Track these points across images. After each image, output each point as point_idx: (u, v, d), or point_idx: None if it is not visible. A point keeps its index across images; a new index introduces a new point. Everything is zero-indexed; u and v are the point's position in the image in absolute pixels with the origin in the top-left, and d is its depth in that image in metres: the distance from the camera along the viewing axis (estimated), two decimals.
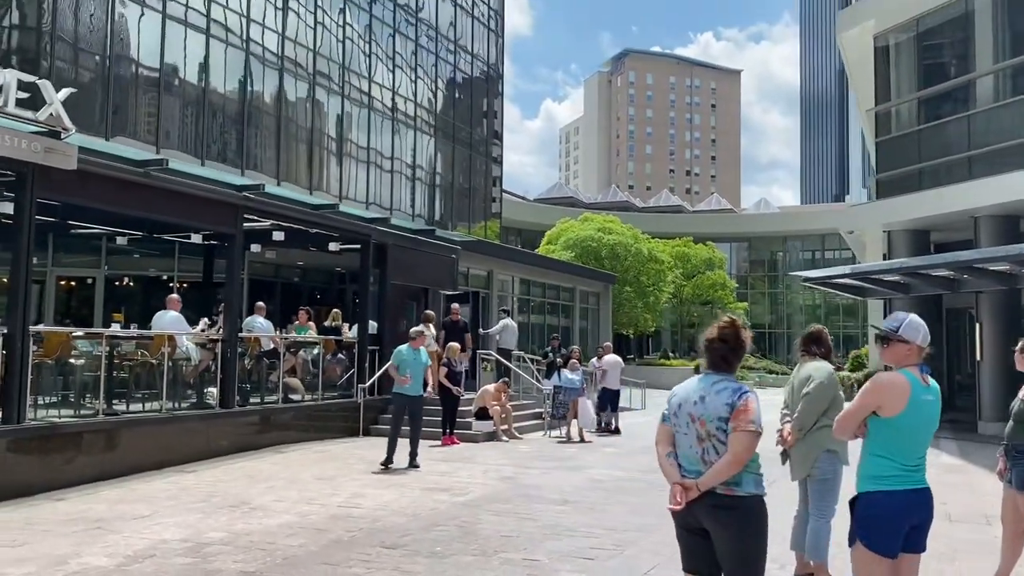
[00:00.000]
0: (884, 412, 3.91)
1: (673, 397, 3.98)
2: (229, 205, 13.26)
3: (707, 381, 3.89)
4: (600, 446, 15.27)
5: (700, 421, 3.81)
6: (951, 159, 20.61)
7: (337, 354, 16.14)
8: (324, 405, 15.15)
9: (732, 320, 3.95)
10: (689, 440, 3.84)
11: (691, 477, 3.79)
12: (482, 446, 14.69)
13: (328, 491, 9.85)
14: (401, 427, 11.74)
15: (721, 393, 3.82)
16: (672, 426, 3.92)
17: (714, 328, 3.95)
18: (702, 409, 3.82)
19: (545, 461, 12.91)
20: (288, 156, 19.26)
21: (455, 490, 10.08)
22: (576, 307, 31.30)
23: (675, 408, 3.92)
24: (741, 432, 3.73)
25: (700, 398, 3.85)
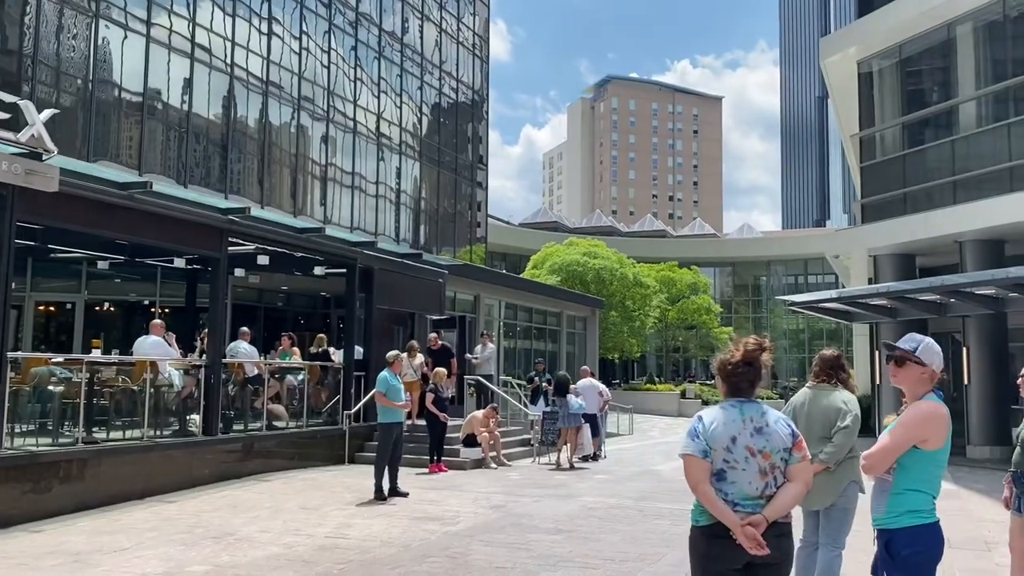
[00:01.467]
0: (929, 445, 3.76)
1: (714, 429, 3.66)
2: (213, 228, 13.10)
3: (753, 411, 3.68)
4: (591, 473, 15.13)
5: (763, 454, 3.61)
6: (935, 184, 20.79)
7: (324, 380, 15.97)
8: (309, 432, 14.95)
9: (759, 342, 3.73)
10: (748, 476, 3.61)
11: (745, 512, 3.57)
12: (470, 473, 14.51)
13: (314, 521, 9.65)
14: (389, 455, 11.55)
15: (779, 423, 3.68)
16: (718, 461, 3.64)
17: (737, 351, 3.71)
18: (763, 442, 3.63)
19: (536, 488, 12.76)
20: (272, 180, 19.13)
21: (445, 519, 9.90)
22: (563, 332, 31.20)
23: (725, 442, 3.63)
24: (807, 460, 3.67)
25: (756, 430, 3.64)
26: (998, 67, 19.90)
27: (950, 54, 20.86)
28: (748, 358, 3.69)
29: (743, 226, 74.09)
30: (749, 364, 3.68)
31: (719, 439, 3.64)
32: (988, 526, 9.65)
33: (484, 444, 15.42)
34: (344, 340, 16.81)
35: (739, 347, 3.71)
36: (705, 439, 3.64)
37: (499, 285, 25.67)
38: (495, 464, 15.35)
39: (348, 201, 21.16)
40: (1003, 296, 16.63)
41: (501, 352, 26.75)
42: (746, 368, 3.68)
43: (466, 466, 15.04)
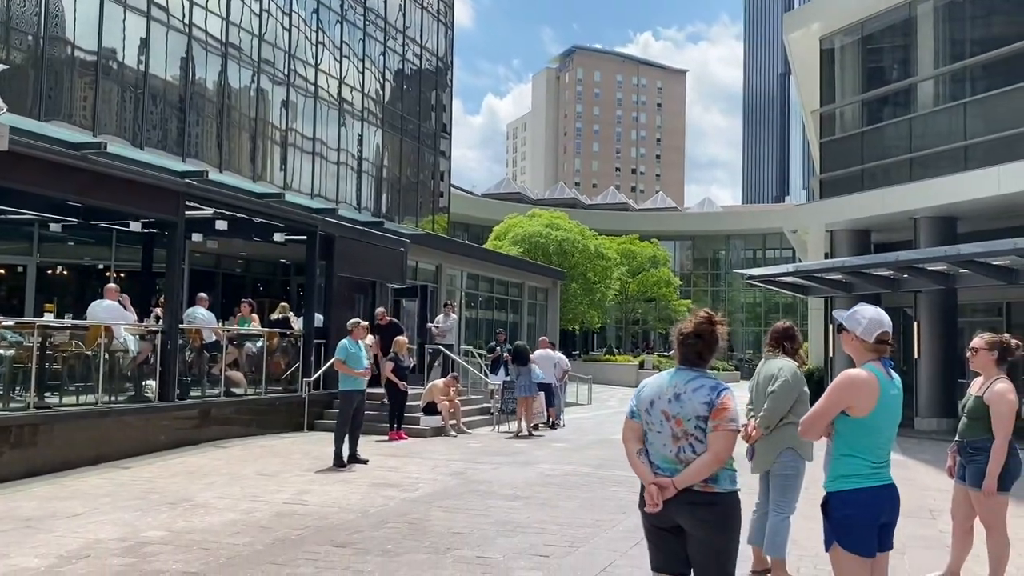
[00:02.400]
0: (855, 412, 3.82)
1: (642, 392, 3.87)
2: (170, 192, 12.85)
3: (681, 377, 3.80)
4: (549, 441, 15.26)
5: (676, 420, 3.73)
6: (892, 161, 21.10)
7: (283, 347, 15.89)
8: (267, 399, 14.88)
9: (709, 315, 3.85)
10: (663, 438, 3.76)
11: (664, 475, 3.72)
12: (430, 441, 14.56)
13: (273, 487, 9.61)
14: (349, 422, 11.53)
15: (698, 391, 3.74)
16: (643, 423, 3.83)
17: (689, 323, 3.85)
18: (678, 408, 3.74)
19: (494, 456, 12.86)
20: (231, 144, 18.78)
21: (404, 486, 9.92)
22: (524, 303, 31.28)
23: (646, 405, 3.83)
24: (722, 431, 3.67)
25: (675, 396, 3.76)
26: (956, 47, 20.17)
27: (911, 32, 21.09)
28: (697, 330, 3.82)
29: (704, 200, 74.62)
30: (698, 336, 3.81)
31: (643, 400, 3.85)
32: (933, 495, 9.96)
33: (444, 412, 15.47)
34: (304, 307, 16.70)
35: (692, 319, 3.86)
36: (635, 399, 3.89)
37: (461, 255, 25.59)
38: (455, 432, 15.42)
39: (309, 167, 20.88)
40: (954, 272, 17.00)
41: (463, 322, 26.76)
42: (695, 340, 3.81)
43: (426, 434, 15.09)
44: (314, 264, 16.35)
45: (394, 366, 14.32)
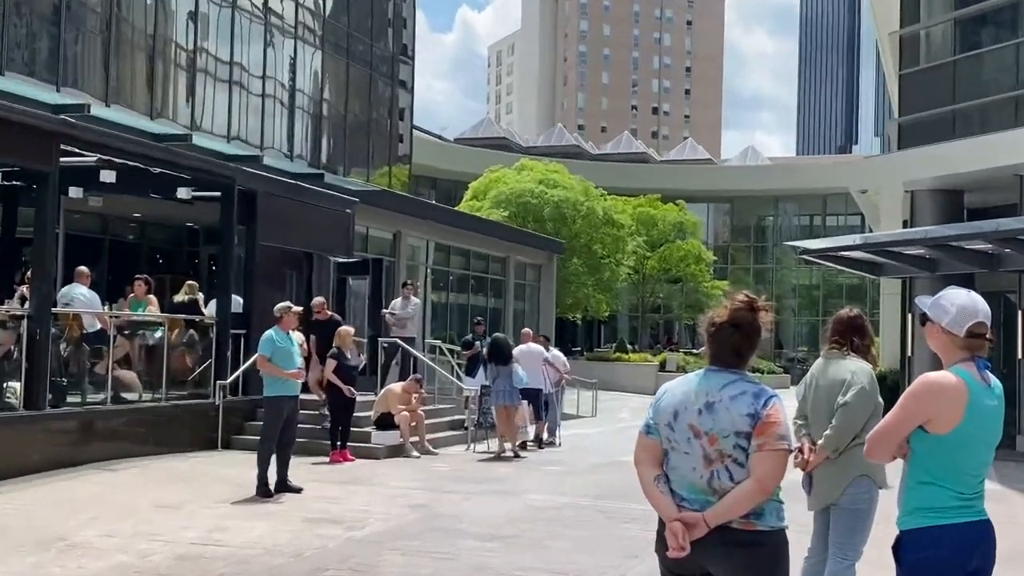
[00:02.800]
0: (936, 427, 3.75)
1: (662, 400, 3.88)
2: (40, 131, 12.78)
3: (714, 382, 3.80)
4: (539, 464, 15.38)
5: (709, 437, 3.73)
6: (994, 99, 21.20)
7: (191, 339, 15.90)
8: (169, 407, 14.94)
9: (749, 299, 3.84)
10: (691, 461, 3.77)
11: (692, 508, 3.72)
12: (385, 464, 14.64)
13: (177, 523, 9.66)
14: (276, 438, 11.57)
15: (738, 400, 3.73)
16: (662, 441, 3.84)
17: (724, 309, 3.85)
18: (711, 421, 3.74)
19: (468, 484, 12.92)
20: (121, 69, 18.67)
21: (348, 522, 9.98)
22: (510, 283, 31.36)
23: (668, 417, 3.83)
24: (769, 452, 3.66)
25: (707, 405, 3.76)
26: None
27: None
28: (735, 319, 3.81)
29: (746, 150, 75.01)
30: (735, 327, 3.81)
31: (663, 412, 3.87)
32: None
33: (403, 426, 15.56)
34: (218, 287, 16.66)
35: (727, 303, 3.86)
36: (652, 412, 3.91)
37: (427, 220, 25.61)
38: (417, 452, 15.53)
39: (224, 101, 20.78)
40: None
41: (428, 308, 26.80)
42: (731, 331, 3.81)
43: (379, 454, 15.18)
44: (231, 230, 16.34)
45: (337, 365, 14.37)
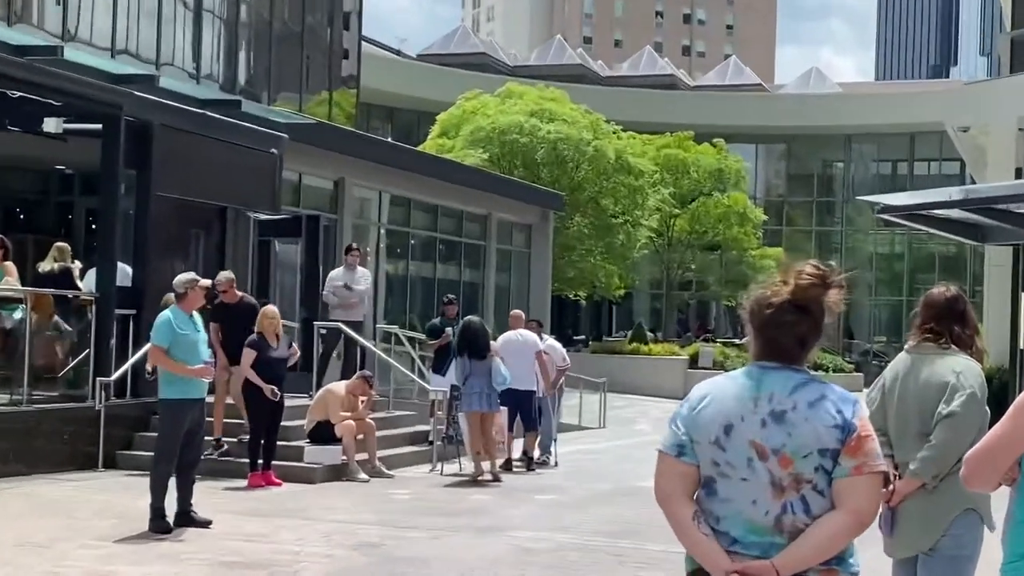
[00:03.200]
0: None
1: (704, 409, 3.79)
2: None
3: (779, 383, 3.72)
4: (529, 491, 15.39)
5: (781, 457, 3.65)
6: None
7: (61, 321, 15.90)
8: (32, 413, 14.88)
9: (822, 272, 3.77)
10: (752, 490, 3.68)
11: (749, 554, 3.66)
12: (323, 490, 14.65)
13: (45, 567, 9.62)
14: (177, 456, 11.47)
15: (819, 407, 3.67)
16: (706, 464, 3.76)
17: (780, 284, 3.79)
18: (783, 436, 3.66)
19: (436, 517, 12.91)
20: None
21: (274, 567, 9.96)
22: (491, 249, 31.27)
23: (714, 432, 3.73)
24: (869, 475, 3.64)
25: (774, 415, 3.68)
26: None
27: None
28: (800, 297, 3.75)
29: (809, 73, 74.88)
30: (800, 309, 3.75)
31: (706, 426, 3.79)
32: None
33: (348, 439, 15.52)
34: (99, 253, 16.57)
35: (787, 278, 3.80)
36: (685, 426, 3.82)
37: (381, 164, 25.47)
38: (366, 474, 15.53)
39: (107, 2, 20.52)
40: None
41: (382, 282, 26.70)
42: (794, 314, 3.75)
43: (315, 476, 15.19)
44: (116, 175, 16.27)
45: (257, 358, 14.27)
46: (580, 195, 37.85)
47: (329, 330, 18.51)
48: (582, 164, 38.08)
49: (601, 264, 39.69)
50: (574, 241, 38.37)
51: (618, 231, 39.64)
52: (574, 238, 38.33)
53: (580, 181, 38.02)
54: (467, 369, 16.13)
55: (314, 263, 19.73)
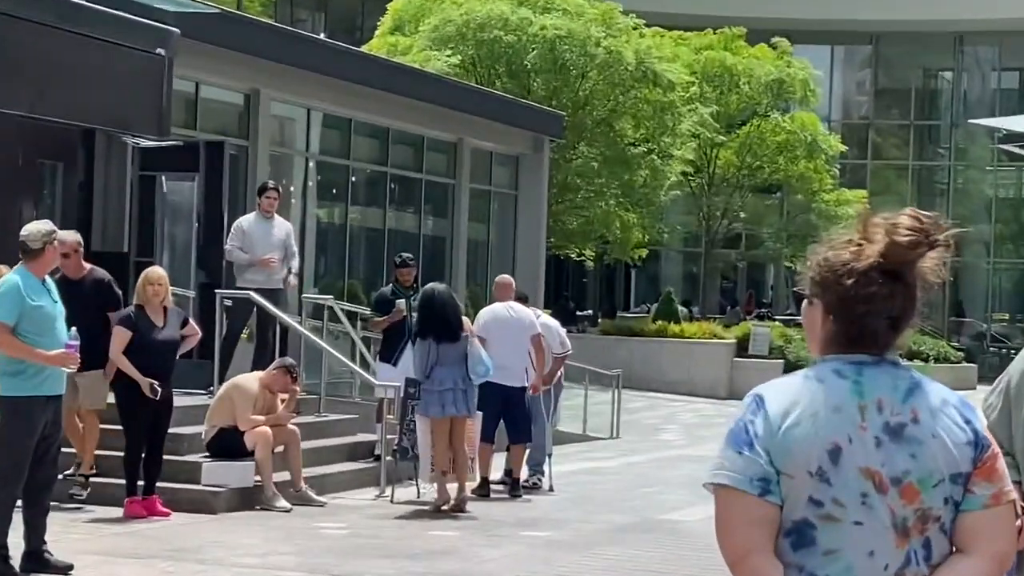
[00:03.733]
0: None
1: (794, 425, 3.70)
2: None
3: (885, 383, 3.72)
4: (512, 525, 15.46)
5: (905, 488, 3.65)
6: None
7: None
8: None
9: (922, 223, 3.68)
10: (869, 537, 3.65)
11: None
12: (228, 521, 14.72)
13: None
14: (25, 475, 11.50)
15: (943, 415, 3.69)
16: (798, 504, 3.69)
17: (872, 239, 3.70)
18: (904, 458, 3.65)
19: (382, 558, 12.99)
20: None
21: None
22: (462, 191, 31.26)
23: (813, 459, 3.65)
24: (1007, 506, 3.67)
25: (889, 430, 3.67)
26: None
27: None
28: (895, 259, 3.69)
29: None
30: (894, 276, 3.70)
31: (803, 451, 3.65)
32: None
33: (262, 452, 15.55)
34: None
35: (871, 233, 3.72)
36: (766, 449, 3.67)
37: (309, 71, 25.41)
38: (286, 501, 15.54)
39: None
40: None
41: (310, 235, 26.77)
42: (887, 284, 3.68)
43: (217, 504, 15.26)
44: None
45: (133, 339, 14.22)
46: (587, 115, 37.80)
47: (237, 301, 18.50)
48: (589, 72, 37.99)
49: (616, 212, 39.60)
50: (578, 180, 38.31)
51: (640, 166, 39.59)
52: (578, 175, 38.27)
53: (587, 95, 37.96)
54: (431, 356, 16.10)
55: (217, 208, 19.65)
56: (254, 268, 18.37)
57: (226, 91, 23.30)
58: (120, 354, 14.14)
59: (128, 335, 14.16)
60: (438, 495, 16.04)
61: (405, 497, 16.59)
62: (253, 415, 15.64)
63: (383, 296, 19.25)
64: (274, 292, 18.39)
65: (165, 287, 14.66)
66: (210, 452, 15.68)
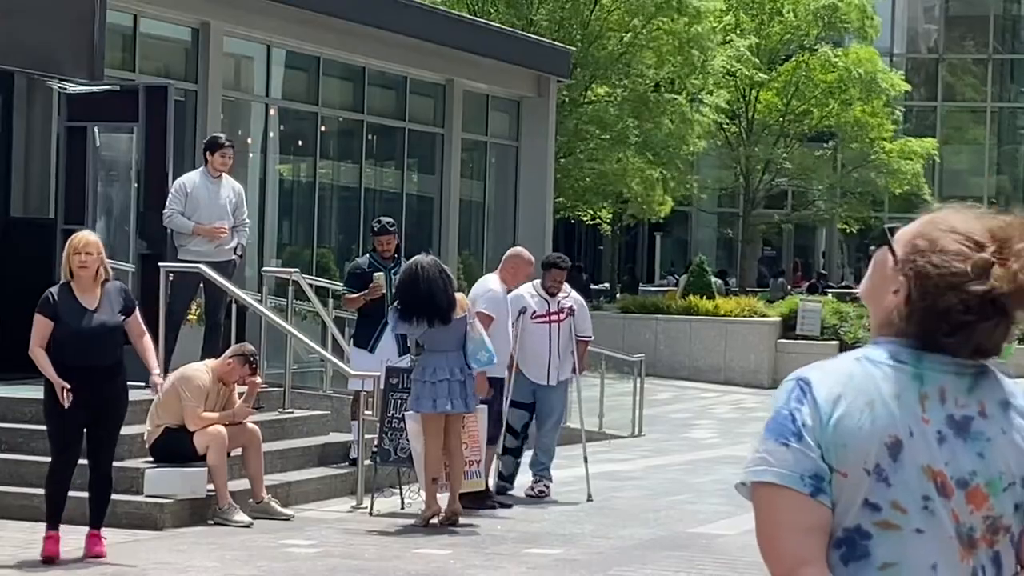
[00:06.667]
0: None
1: (841, 418, 3.69)
2: None
3: (948, 371, 3.71)
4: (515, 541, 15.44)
5: (972, 492, 3.65)
6: None
7: None
8: None
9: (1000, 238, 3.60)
10: (931, 547, 3.65)
11: None
12: (176, 539, 14.72)
13: None
14: None
15: (1012, 408, 3.70)
16: (852, 508, 3.68)
17: (990, 260, 3.61)
18: (970, 457, 3.66)
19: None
20: None
21: None
22: (453, 141, 31.28)
23: (875, 452, 3.67)
24: None
25: (953, 424, 3.68)
26: None
27: None
28: (1018, 298, 3.65)
29: None
30: (1003, 310, 3.66)
31: (859, 445, 3.65)
32: None
33: (216, 456, 15.55)
34: None
35: (1004, 251, 3.64)
36: (817, 440, 3.67)
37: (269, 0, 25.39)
38: (244, 515, 15.52)
39: None
40: None
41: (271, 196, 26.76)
42: (992, 316, 3.64)
43: (162, 518, 15.26)
44: None
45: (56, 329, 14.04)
46: (601, 51, 37.84)
47: (179, 276, 18.55)
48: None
49: (636, 165, 39.66)
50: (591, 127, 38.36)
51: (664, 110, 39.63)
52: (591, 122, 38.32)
53: (601, 27, 37.99)
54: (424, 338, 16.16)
55: (159, 165, 19.66)
56: (199, 237, 18.37)
57: (170, 25, 23.27)
58: (37, 347, 13.74)
59: (47, 324, 13.78)
60: (426, 506, 15.96)
61: (387, 508, 16.62)
62: (204, 412, 15.62)
63: (358, 268, 19.24)
64: (224, 265, 18.38)
65: (97, 256, 13.88)
66: (154, 456, 15.69)
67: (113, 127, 19.65)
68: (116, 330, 13.92)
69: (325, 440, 18.49)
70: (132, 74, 21.43)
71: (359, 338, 18.78)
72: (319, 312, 21.32)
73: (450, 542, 15.16)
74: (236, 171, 19.37)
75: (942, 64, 61.97)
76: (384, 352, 17.45)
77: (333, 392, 19.50)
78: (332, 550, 14.55)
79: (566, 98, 35.85)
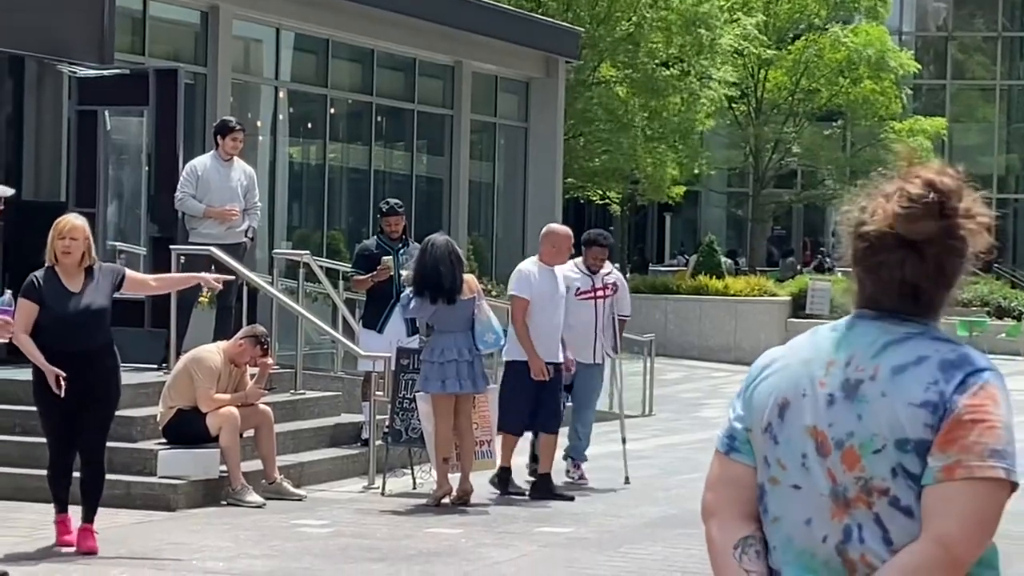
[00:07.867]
0: None
1: (762, 379, 3.93)
2: None
3: (865, 338, 3.81)
4: (528, 520, 15.49)
5: (845, 452, 3.73)
6: None
7: None
8: None
9: (935, 185, 3.71)
10: (807, 503, 3.79)
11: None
12: (189, 520, 14.73)
13: None
14: None
15: (909, 372, 3.71)
16: (759, 462, 3.89)
17: (887, 196, 3.77)
18: (850, 418, 3.74)
19: (372, 562, 13.04)
20: None
21: None
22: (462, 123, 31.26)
23: (768, 413, 3.86)
24: (966, 482, 3.62)
25: (846, 386, 3.76)
26: None
27: None
28: (899, 228, 3.74)
29: None
30: (904, 243, 3.75)
31: (761, 406, 3.90)
32: None
33: (229, 437, 15.61)
34: None
35: (906, 182, 3.79)
36: (745, 403, 3.98)
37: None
38: (257, 496, 15.61)
39: None
40: None
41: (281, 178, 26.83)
42: (897, 252, 3.75)
43: (176, 499, 15.30)
44: None
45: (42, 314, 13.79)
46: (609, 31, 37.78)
47: (191, 258, 18.50)
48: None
49: (645, 146, 39.59)
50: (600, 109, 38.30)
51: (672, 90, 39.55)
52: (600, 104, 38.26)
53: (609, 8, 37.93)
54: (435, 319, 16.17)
55: (170, 148, 19.66)
56: (211, 220, 18.40)
57: (180, 8, 23.28)
58: (22, 333, 13.51)
59: (32, 308, 13.54)
60: (438, 486, 16.06)
61: (398, 489, 16.71)
62: (217, 394, 15.67)
63: (366, 250, 19.22)
64: (235, 247, 18.42)
65: (82, 241, 13.67)
66: (167, 438, 15.71)
67: (123, 111, 19.65)
68: (101, 313, 13.69)
69: (337, 421, 18.58)
70: (142, 58, 21.45)
71: (368, 319, 18.84)
72: (330, 294, 21.36)
73: (461, 521, 15.26)
74: (246, 154, 19.38)
75: (952, 42, 61.83)
76: (393, 333, 17.49)
77: (344, 373, 19.55)
78: (344, 530, 14.61)
79: (574, 80, 35.76)
